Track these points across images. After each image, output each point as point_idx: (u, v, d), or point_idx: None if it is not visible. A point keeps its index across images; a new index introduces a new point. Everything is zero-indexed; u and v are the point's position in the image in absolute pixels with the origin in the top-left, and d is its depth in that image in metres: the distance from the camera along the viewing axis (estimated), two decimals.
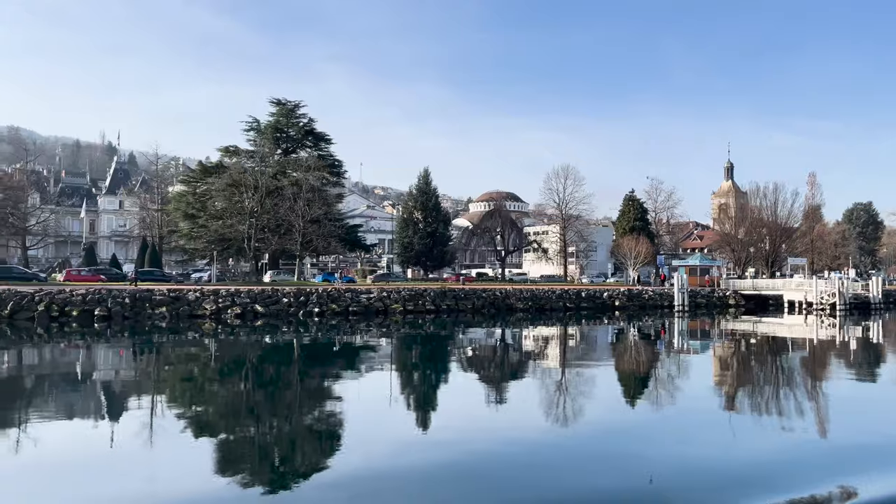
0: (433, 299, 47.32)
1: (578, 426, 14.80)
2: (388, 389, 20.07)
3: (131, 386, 20.57)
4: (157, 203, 77.45)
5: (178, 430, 13.76)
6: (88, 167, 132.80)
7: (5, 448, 12.20)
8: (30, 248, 69.90)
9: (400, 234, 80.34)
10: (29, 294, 37.58)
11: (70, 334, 34.75)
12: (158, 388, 20.04)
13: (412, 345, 34.07)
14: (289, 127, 69.21)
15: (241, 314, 40.57)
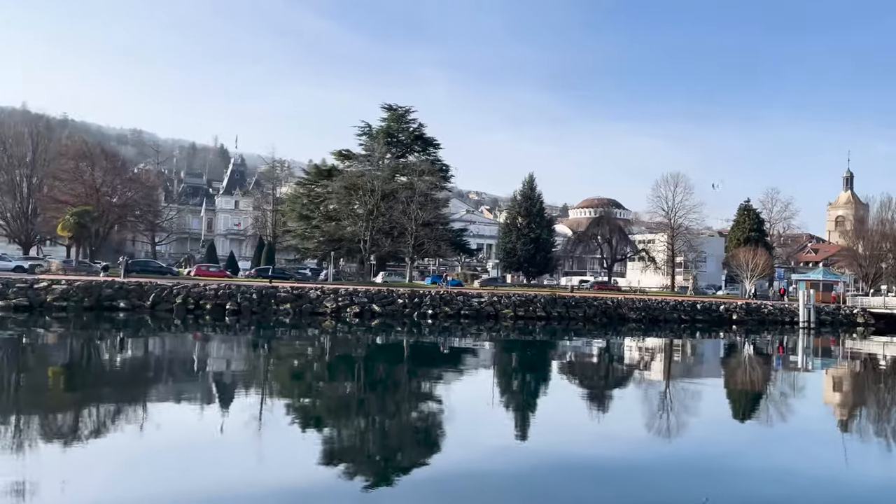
0: (544, 306, 47.00)
1: (683, 440, 14.25)
2: (493, 393, 20.19)
3: (251, 376, 21.69)
4: (272, 204, 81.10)
5: (287, 421, 14.40)
6: (204, 169, 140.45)
7: (126, 427, 13.24)
8: (157, 243, 74.75)
9: (503, 240, 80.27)
10: (168, 287, 40.14)
11: (204, 326, 36.86)
12: (275, 380, 21.07)
13: (522, 350, 34.05)
14: (399, 132, 70.78)
15: (359, 313, 41.74)
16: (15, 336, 29.05)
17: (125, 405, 15.55)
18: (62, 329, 32.43)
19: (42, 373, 20.31)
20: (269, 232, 77.14)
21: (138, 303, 38.71)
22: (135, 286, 39.74)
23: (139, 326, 35.66)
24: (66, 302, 37.12)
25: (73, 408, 14.91)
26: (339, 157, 70.73)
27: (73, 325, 34.32)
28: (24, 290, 36.80)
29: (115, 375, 20.58)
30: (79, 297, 37.59)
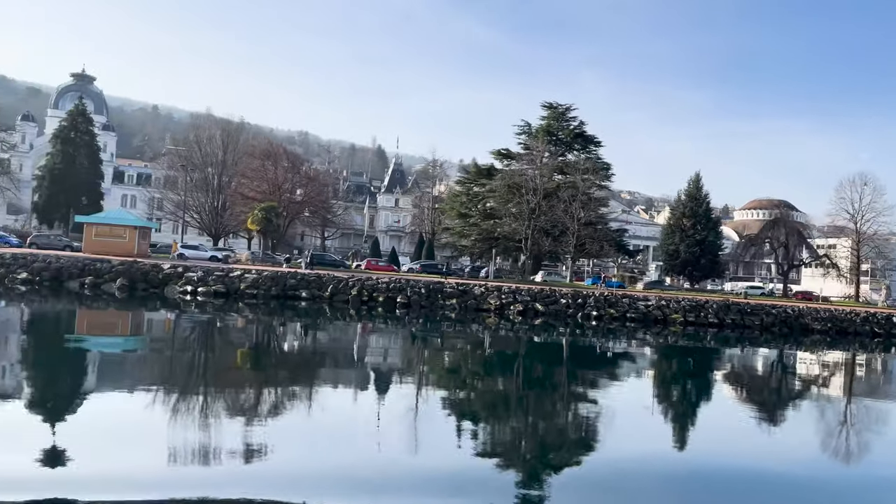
0: (716, 312, 44.47)
1: (862, 463, 12.98)
2: (656, 398, 19.56)
3: (417, 368, 22.58)
4: (430, 202, 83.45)
5: (444, 413, 14.83)
6: (362, 168, 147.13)
7: (297, 406, 14.51)
8: (326, 238, 79.53)
9: (665, 241, 77.11)
10: (344, 279, 42.47)
11: (376, 317, 38.60)
12: (438, 373, 21.74)
13: (690, 357, 32.52)
14: (559, 130, 70.08)
15: (522, 311, 41.80)
16: (216, 319, 32.17)
17: (300, 385, 17.04)
18: (252, 314, 35.39)
19: (236, 351, 22.62)
20: (428, 229, 79.42)
21: (318, 293, 41.25)
22: (314, 278, 42.41)
23: (318, 315, 38.10)
24: (256, 290, 40.34)
25: (254, 384, 16.54)
26: (497, 156, 71.26)
27: (262, 311, 37.30)
28: (221, 278, 40.47)
29: (296, 357, 22.46)
30: (267, 286, 40.73)
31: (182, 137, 71.21)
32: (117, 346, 23.38)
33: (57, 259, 40.68)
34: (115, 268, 40.08)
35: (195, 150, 66.93)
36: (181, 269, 40.91)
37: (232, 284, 40.14)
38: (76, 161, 59.65)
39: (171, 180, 69.44)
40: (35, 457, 9.08)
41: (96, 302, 35.93)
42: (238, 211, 59.02)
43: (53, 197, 59.11)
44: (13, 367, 17.95)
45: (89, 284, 38.83)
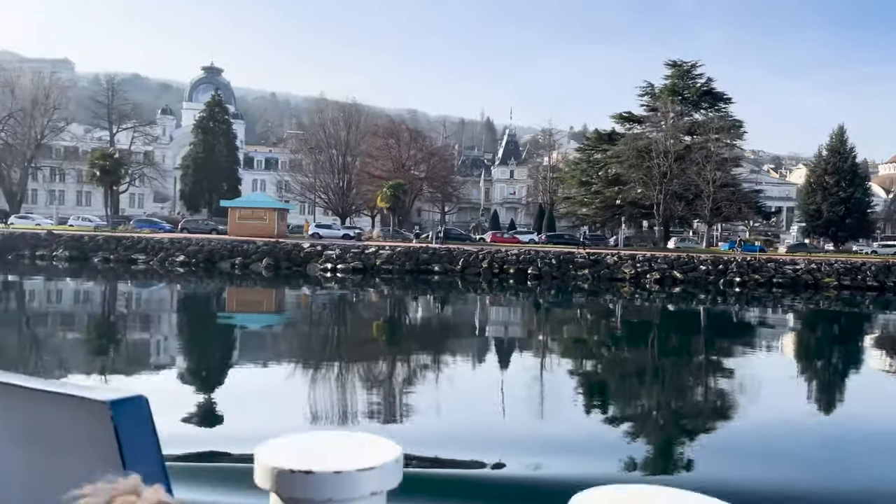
0: (875, 274, 41.11)
1: None
2: (808, 368, 18.36)
3: (544, 337, 22.27)
4: (548, 171, 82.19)
5: (575, 382, 14.48)
6: (472, 142, 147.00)
7: (424, 373, 14.76)
8: (446, 213, 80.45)
9: (805, 201, 72.05)
10: (474, 252, 42.80)
11: (507, 289, 38.70)
12: (567, 342, 21.34)
13: (847, 323, 30.25)
14: (685, 89, 66.69)
15: (659, 280, 40.49)
16: (356, 293, 33.44)
17: (435, 354, 17.41)
18: (389, 289, 36.51)
19: (380, 323, 23.51)
20: (547, 199, 78.42)
21: (450, 267, 41.85)
22: (445, 252, 43.02)
23: (450, 288, 38.71)
24: (391, 265, 41.48)
25: (394, 353, 17.29)
26: (619, 119, 68.82)
27: (398, 285, 38.40)
28: (357, 254, 41.91)
29: (432, 328, 22.99)
30: (401, 261, 41.77)
31: (304, 122, 73.86)
32: (272, 319, 24.87)
33: (208, 242, 43.61)
34: (260, 248, 42.44)
35: (319, 132, 69.29)
36: (320, 248, 42.71)
37: (368, 261, 41.47)
38: (215, 149, 63.63)
39: (296, 163, 72.41)
40: (194, 417, 9.74)
41: (246, 280, 38.31)
42: (365, 189, 60.71)
43: (198, 184, 63.48)
44: (183, 338, 19.47)
45: (239, 265, 41.38)
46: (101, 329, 20.26)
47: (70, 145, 73.84)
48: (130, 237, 44.41)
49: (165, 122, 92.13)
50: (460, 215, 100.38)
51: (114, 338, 18.87)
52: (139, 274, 39.08)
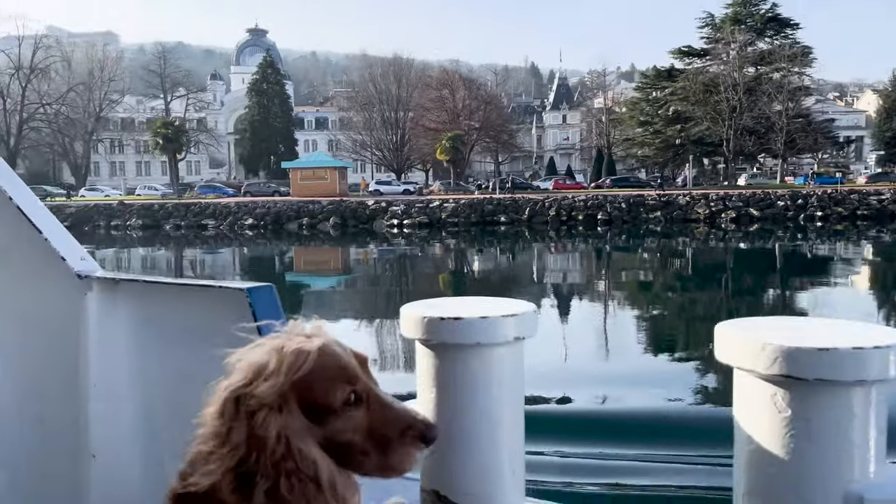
0: None
1: None
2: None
3: (621, 282, 21.59)
4: (605, 114, 79.81)
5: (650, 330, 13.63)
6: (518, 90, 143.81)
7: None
8: (501, 162, 79.32)
9: (880, 128, 68.46)
10: (540, 201, 42.04)
11: (576, 237, 37.96)
12: (643, 285, 20.55)
13: None
14: (748, 17, 63.31)
15: (735, 218, 39.11)
16: (424, 248, 33.31)
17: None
18: (456, 241, 36.21)
19: (453, 275, 23.20)
20: (604, 142, 76.45)
21: (516, 217, 41.26)
22: (510, 202, 42.37)
23: (518, 238, 38.23)
24: (456, 218, 41.13)
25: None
26: (678, 55, 65.99)
27: (464, 238, 38.09)
28: (422, 209, 41.65)
29: (503, 277, 22.53)
30: (466, 213, 41.37)
31: (351, 79, 73.17)
32: (353, 275, 24.89)
33: (274, 204, 43.99)
34: (325, 208, 42.60)
35: (370, 88, 68.63)
36: (384, 205, 42.61)
37: (434, 215, 41.19)
38: (270, 111, 63.74)
39: (346, 121, 72.10)
40: None
41: (314, 240, 38.57)
42: (421, 143, 60.06)
43: (255, 146, 63.89)
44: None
45: (306, 225, 41.67)
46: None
47: (126, 116, 75.06)
48: (198, 203, 45.14)
49: (215, 88, 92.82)
50: (513, 165, 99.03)
51: None
52: (210, 239, 39.74)
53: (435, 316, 1.34)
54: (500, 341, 1.34)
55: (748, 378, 1.08)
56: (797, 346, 1.01)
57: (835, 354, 0.99)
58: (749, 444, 1.09)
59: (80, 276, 1.74)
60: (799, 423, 1.03)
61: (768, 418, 1.05)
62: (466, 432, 1.36)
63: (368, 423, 1.04)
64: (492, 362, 1.35)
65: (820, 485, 1.02)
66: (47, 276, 1.78)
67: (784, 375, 1.02)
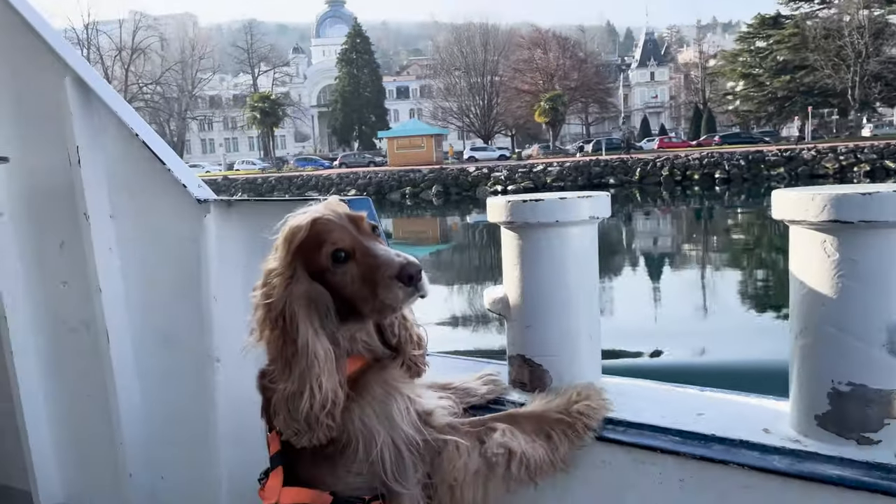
0: None
1: None
2: None
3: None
4: (702, 67, 75.76)
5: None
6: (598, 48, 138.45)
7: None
8: (591, 123, 76.86)
9: None
10: (650, 161, 40.12)
11: (691, 197, 36.00)
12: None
13: None
14: None
15: (870, 172, 36.16)
16: None
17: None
18: None
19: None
20: (701, 98, 72.67)
21: (625, 178, 39.58)
22: (618, 162, 40.65)
23: (629, 201, 36.60)
24: (562, 182, 39.77)
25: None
26: (784, 1, 61.82)
27: None
28: (526, 174, 40.47)
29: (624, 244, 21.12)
30: (572, 176, 39.96)
31: (433, 45, 71.67)
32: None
33: (375, 175, 43.75)
34: (426, 176, 42.01)
35: (455, 53, 67.27)
36: (486, 171, 41.65)
37: (538, 179, 39.97)
38: (360, 81, 63.38)
39: (427, 89, 71.07)
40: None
41: (417, 209, 38.09)
42: (514, 107, 58.44)
43: (347, 117, 63.78)
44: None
45: (409, 194, 41.25)
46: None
47: (215, 94, 76.40)
48: (300, 176, 45.41)
49: (298, 62, 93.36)
50: (599, 126, 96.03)
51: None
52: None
53: (518, 199, 1.53)
54: (576, 220, 1.49)
55: (801, 230, 1.21)
56: (843, 193, 1.11)
57: (877, 198, 1.08)
58: (801, 289, 1.22)
59: (200, 200, 1.96)
60: (846, 265, 1.15)
61: (818, 263, 1.18)
62: (548, 301, 1.53)
63: (361, 273, 1.20)
64: (570, 238, 1.51)
65: (862, 318, 1.15)
66: (172, 202, 2.00)
67: (832, 220, 1.12)
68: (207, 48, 73.07)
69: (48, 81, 2.12)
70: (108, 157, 2.14)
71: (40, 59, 2.13)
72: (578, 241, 1.52)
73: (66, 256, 2.23)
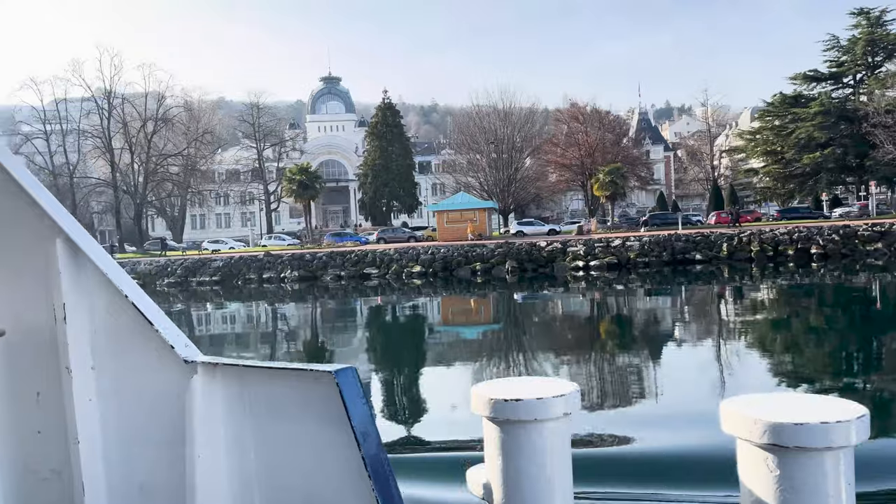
0: None
1: None
2: None
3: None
4: (709, 147, 76.65)
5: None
6: None
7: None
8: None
9: None
10: (735, 235, 38.59)
11: (785, 273, 34.27)
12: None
13: None
14: (878, 39, 60.67)
15: None
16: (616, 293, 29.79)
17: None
18: (640, 282, 32.71)
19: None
20: (719, 175, 73.28)
21: (711, 254, 37.81)
22: (700, 237, 38.98)
23: (713, 277, 34.65)
24: (646, 258, 37.75)
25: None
26: (803, 80, 63.58)
27: (657, 279, 34.57)
28: (605, 248, 38.31)
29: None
30: (655, 252, 38.00)
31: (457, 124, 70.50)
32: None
33: (437, 250, 40.97)
34: (495, 251, 39.45)
35: (475, 131, 66.37)
36: (560, 245, 39.40)
37: (621, 255, 37.83)
38: (391, 154, 61.14)
39: (448, 164, 69.62)
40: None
41: (488, 287, 35.23)
42: (555, 181, 56.91)
43: (378, 191, 61.13)
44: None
45: (480, 270, 38.49)
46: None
47: (231, 168, 73.42)
48: (355, 252, 42.25)
49: (295, 137, 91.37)
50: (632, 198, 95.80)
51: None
52: (374, 290, 36.54)
53: (500, 398, 1.71)
54: (552, 417, 1.70)
55: (747, 445, 1.46)
56: (780, 422, 1.37)
57: (807, 428, 1.35)
58: (750, 496, 1.47)
59: (187, 361, 1.98)
60: (784, 482, 1.40)
61: (763, 476, 1.43)
62: (528, 491, 1.72)
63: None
64: (547, 433, 1.72)
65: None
66: (159, 360, 2.05)
67: (772, 444, 1.38)
68: (214, 122, 70.16)
69: (39, 244, 2.17)
70: (95, 314, 2.18)
71: (32, 221, 2.18)
72: (554, 435, 1.74)
73: (43, 406, 2.26)
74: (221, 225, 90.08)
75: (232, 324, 27.14)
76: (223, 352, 17.67)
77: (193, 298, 36.52)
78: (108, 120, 52.56)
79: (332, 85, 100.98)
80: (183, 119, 57.11)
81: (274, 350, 18.96)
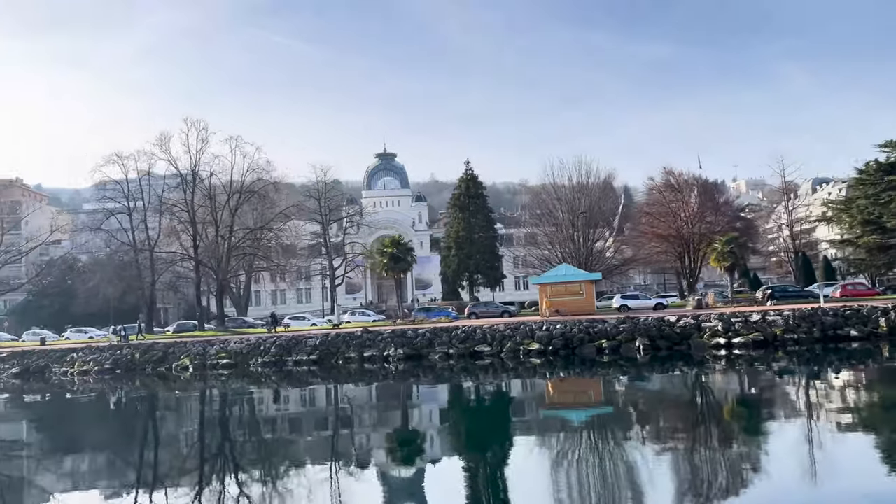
0: None
1: None
2: None
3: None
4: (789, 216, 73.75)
5: None
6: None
7: None
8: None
9: None
10: (887, 309, 35.03)
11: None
12: None
13: None
14: None
15: None
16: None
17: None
18: (799, 362, 29.23)
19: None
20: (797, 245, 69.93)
21: (866, 329, 34.23)
22: (851, 312, 35.51)
23: (872, 356, 31.07)
24: (794, 334, 34.24)
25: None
26: (892, 148, 61.10)
27: (808, 359, 31.08)
28: (744, 324, 34.86)
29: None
30: (803, 327, 34.53)
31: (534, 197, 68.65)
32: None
33: (554, 326, 37.81)
34: (621, 328, 36.21)
35: (544, 204, 64.45)
36: (692, 321, 36.08)
37: (766, 330, 34.34)
38: (474, 226, 58.99)
39: (530, 237, 67.58)
40: None
41: (614, 366, 31.91)
42: (652, 251, 54.06)
43: (462, 263, 58.63)
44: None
45: (607, 348, 35.15)
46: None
47: (291, 243, 71.83)
48: (461, 328, 39.19)
49: (355, 213, 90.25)
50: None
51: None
52: (484, 370, 33.25)
53: None
54: None
55: None
56: None
57: None
58: None
59: None
60: None
61: None
62: None
63: None
64: None
65: None
66: None
67: None
68: (278, 196, 68.92)
69: None
70: None
71: None
72: None
73: None
74: (276, 301, 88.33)
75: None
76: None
77: (330, 377, 33.85)
78: (192, 193, 51.16)
79: (388, 161, 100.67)
80: (270, 192, 55.70)
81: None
